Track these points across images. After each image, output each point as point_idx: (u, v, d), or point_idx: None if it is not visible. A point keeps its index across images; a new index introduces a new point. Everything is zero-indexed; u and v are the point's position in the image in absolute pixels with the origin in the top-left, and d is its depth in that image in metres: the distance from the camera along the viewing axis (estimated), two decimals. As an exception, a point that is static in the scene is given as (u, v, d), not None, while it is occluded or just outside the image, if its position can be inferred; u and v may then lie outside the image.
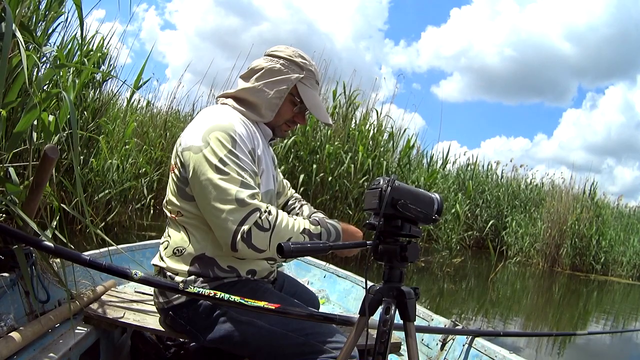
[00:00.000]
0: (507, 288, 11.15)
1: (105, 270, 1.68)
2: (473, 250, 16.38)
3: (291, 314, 1.76)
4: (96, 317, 1.94)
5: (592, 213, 15.38)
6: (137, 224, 7.65)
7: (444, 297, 7.63)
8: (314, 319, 1.82)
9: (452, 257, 11.12)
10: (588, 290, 12.39)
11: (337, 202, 8.68)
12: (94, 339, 1.97)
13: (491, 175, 20.23)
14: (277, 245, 1.36)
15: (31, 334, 1.63)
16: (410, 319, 1.43)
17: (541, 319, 7.82)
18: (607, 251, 15.41)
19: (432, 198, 1.49)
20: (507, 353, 2.33)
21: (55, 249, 1.66)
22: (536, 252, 15.56)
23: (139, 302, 2.21)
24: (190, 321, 1.89)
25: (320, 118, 2.07)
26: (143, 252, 3.18)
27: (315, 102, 2.08)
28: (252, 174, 1.83)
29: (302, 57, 2.07)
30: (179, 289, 1.70)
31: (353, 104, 9.66)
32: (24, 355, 1.58)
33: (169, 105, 11.68)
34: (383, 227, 1.43)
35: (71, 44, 4.66)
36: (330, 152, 8.72)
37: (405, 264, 1.44)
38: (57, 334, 1.78)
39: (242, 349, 1.86)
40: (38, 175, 1.68)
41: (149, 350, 2.24)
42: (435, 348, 2.67)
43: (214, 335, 1.85)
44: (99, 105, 6.31)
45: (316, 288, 3.47)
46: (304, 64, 2.06)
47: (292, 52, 2.07)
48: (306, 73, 2.06)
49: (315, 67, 2.11)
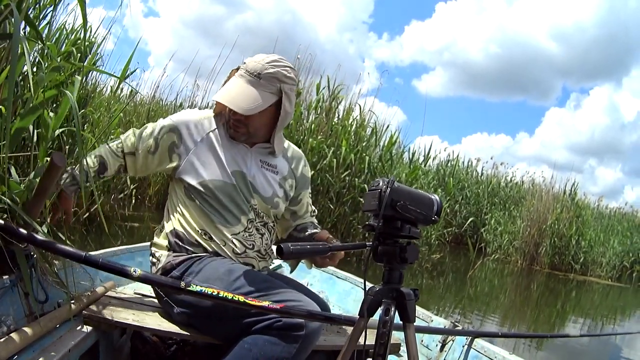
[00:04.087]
0: (486, 285, 11.24)
1: (102, 267, 1.67)
2: (452, 246, 16.46)
3: (294, 314, 1.77)
4: (96, 318, 1.91)
5: (572, 213, 15.57)
6: (119, 214, 7.59)
7: (422, 292, 7.61)
8: (316, 319, 1.83)
9: (431, 253, 11.15)
10: (567, 290, 12.54)
11: (319, 196, 8.68)
12: (94, 340, 1.95)
13: (471, 172, 20.33)
14: (277, 247, 1.41)
15: (30, 335, 1.61)
16: (410, 320, 1.44)
17: (519, 317, 7.88)
18: (587, 251, 15.61)
19: (431, 199, 1.50)
20: (506, 354, 2.34)
21: (51, 245, 1.65)
22: (515, 250, 15.69)
23: (138, 303, 2.20)
24: (166, 292, 2.02)
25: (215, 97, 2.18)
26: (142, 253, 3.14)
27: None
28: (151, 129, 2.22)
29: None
30: (180, 287, 1.70)
31: (336, 98, 9.66)
32: (23, 357, 1.56)
33: (152, 94, 11.63)
34: (382, 229, 1.43)
35: (59, 34, 4.59)
36: (314, 146, 8.75)
37: (404, 265, 1.45)
38: (56, 335, 1.76)
39: (204, 316, 1.96)
40: (43, 182, 1.65)
41: (149, 351, 2.22)
42: (434, 349, 2.67)
43: (180, 304, 1.98)
44: (85, 94, 6.23)
45: (316, 289, 3.47)
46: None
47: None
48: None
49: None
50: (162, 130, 2.19)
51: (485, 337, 2.58)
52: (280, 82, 2.11)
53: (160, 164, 2.20)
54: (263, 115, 2.13)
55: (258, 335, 1.81)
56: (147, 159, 2.20)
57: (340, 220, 8.96)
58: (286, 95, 2.13)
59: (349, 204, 8.94)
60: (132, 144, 2.21)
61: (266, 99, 2.09)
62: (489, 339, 2.62)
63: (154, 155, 2.19)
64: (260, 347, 1.79)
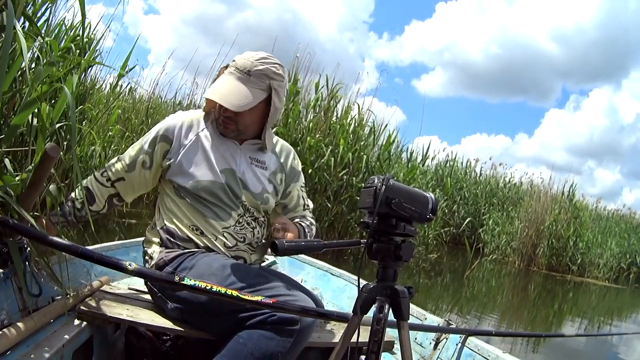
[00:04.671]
0: (483, 285, 11.26)
1: (98, 261, 1.67)
2: (449, 246, 16.45)
3: (288, 310, 1.78)
4: (90, 313, 1.91)
5: (570, 214, 15.57)
6: (117, 211, 7.60)
7: (419, 292, 7.65)
8: (309, 315, 1.84)
9: (429, 253, 11.16)
10: (564, 291, 12.54)
11: (316, 195, 8.67)
12: (88, 335, 1.95)
13: (470, 172, 20.33)
14: (272, 243, 1.43)
15: (24, 330, 1.61)
16: (404, 318, 1.44)
17: (516, 317, 7.89)
18: (584, 253, 15.60)
19: (426, 197, 1.50)
20: (500, 352, 2.34)
21: (47, 239, 1.65)
22: (512, 251, 15.70)
23: (133, 298, 2.20)
24: (160, 288, 2.07)
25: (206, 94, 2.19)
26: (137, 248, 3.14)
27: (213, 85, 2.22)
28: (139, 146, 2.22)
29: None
30: (175, 281, 1.71)
31: (335, 97, 9.66)
32: (16, 352, 1.56)
33: (151, 91, 11.63)
34: (377, 226, 1.43)
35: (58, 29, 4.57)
36: (312, 144, 8.74)
37: (399, 263, 1.45)
38: (50, 330, 1.75)
39: (198, 312, 1.97)
40: (37, 173, 1.66)
41: (144, 346, 2.22)
42: (428, 347, 2.67)
43: (173, 300, 2.01)
44: (83, 90, 6.22)
45: (310, 286, 3.47)
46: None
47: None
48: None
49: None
50: (152, 142, 2.20)
51: (480, 336, 2.57)
52: (269, 79, 2.12)
53: (157, 174, 2.24)
54: (253, 112, 2.14)
55: (253, 330, 1.82)
56: (144, 176, 2.22)
57: (337, 219, 8.94)
58: (275, 92, 2.15)
59: (347, 203, 8.92)
60: (119, 169, 2.23)
61: (256, 96, 2.11)
62: (485, 338, 2.62)
63: (150, 169, 2.21)
64: (255, 342, 1.80)
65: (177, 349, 2.28)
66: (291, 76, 9.49)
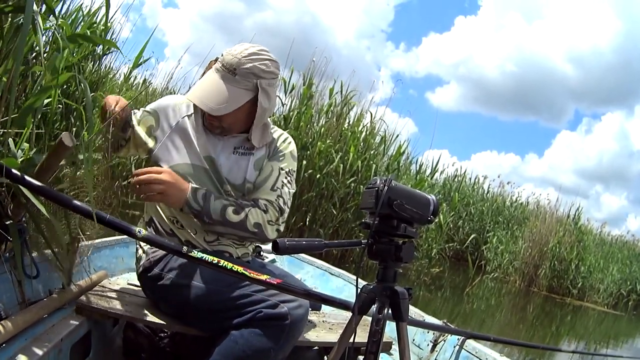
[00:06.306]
0: (482, 302, 11.20)
1: (109, 224, 1.67)
2: (452, 261, 16.38)
3: (292, 291, 1.79)
4: (88, 308, 1.91)
5: (574, 237, 15.48)
6: (121, 202, 7.59)
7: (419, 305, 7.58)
8: (312, 299, 1.85)
9: (431, 266, 11.13)
10: (562, 313, 12.48)
11: (323, 200, 8.68)
12: (86, 329, 1.95)
13: (477, 188, 20.26)
14: (272, 242, 1.42)
15: (22, 323, 1.60)
16: (403, 319, 1.45)
17: (514, 336, 7.85)
18: (585, 277, 15.49)
19: (428, 199, 1.51)
20: (497, 356, 2.34)
21: (59, 197, 1.64)
22: (514, 270, 15.61)
23: (131, 294, 2.20)
24: (151, 289, 2.11)
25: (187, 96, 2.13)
26: None
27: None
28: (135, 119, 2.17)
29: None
30: (182, 252, 1.71)
31: (348, 104, 9.67)
32: (14, 344, 1.55)
33: (165, 85, 11.65)
34: (378, 227, 1.44)
35: (75, 14, 4.59)
36: (322, 149, 8.74)
37: (399, 264, 1.46)
38: (48, 324, 1.75)
39: (187, 311, 1.99)
40: (49, 160, 1.64)
41: (142, 341, 2.22)
42: (426, 349, 2.68)
43: (164, 300, 2.05)
44: (97, 78, 6.23)
45: (309, 285, 3.47)
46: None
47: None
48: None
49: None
50: (143, 114, 2.17)
51: (477, 340, 2.57)
52: (257, 78, 2.03)
53: (134, 140, 2.18)
54: (237, 112, 2.05)
55: (244, 328, 1.82)
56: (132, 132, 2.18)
57: (342, 226, 8.92)
58: (263, 91, 2.05)
59: (352, 211, 8.90)
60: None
61: (239, 97, 2.03)
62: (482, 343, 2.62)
63: (134, 128, 2.17)
64: (247, 339, 1.80)
65: (175, 345, 2.28)
66: (306, 79, 9.49)
